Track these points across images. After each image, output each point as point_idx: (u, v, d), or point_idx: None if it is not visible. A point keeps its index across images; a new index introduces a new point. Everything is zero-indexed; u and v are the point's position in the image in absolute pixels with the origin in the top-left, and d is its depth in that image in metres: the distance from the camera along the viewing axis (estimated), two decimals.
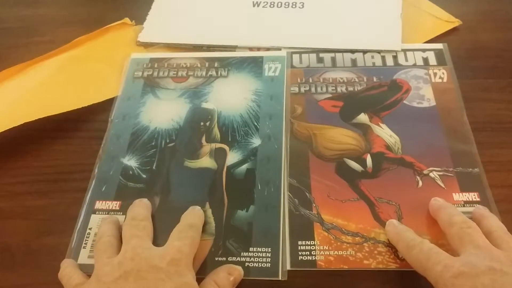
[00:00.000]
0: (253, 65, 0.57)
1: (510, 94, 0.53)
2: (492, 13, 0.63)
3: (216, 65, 0.57)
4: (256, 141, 0.49)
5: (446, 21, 0.61)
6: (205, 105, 0.53)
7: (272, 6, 0.64)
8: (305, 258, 0.41)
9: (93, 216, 0.45)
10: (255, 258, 0.41)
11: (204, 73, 0.56)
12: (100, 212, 0.45)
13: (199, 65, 0.57)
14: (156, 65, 0.58)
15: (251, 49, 0.59)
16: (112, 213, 0.45)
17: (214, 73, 0.56)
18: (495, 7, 0.64)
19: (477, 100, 0.53)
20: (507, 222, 0.40)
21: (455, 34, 0.60)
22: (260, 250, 0.42)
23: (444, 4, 0.63)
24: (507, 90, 0.54)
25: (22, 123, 0.49)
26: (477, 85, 0.54)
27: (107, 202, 0.46)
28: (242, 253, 0.42)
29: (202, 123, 0.51)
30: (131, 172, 0.48)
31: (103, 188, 0.47)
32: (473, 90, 0.53)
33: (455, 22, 0.61)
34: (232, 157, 0.48)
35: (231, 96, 0.54)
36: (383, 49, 0.57)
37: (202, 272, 0.41)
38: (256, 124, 0.51)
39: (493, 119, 0.51)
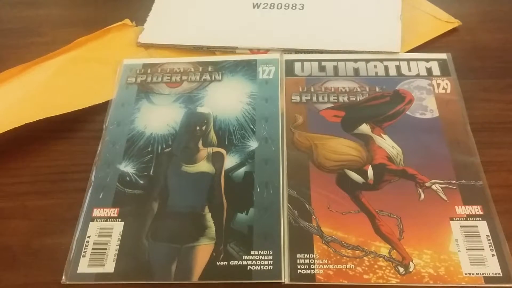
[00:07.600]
0: (247, 68, 0.56)
1: (510, 94, 0.53)
2: (492, 14, 0.63)
3: (210, 69, 0.57)
4: (253, 144, 0.49)
5: (446, 21, 0.61)
6: (200, 109, 0.53)
7: (272, 7, 0.64)
8: (304, 272, 0.40)
9: (91, 224, 0.45)
10: (257, 261, 0.41)
11: (198, 78, 0.56)
12: (99, 220, 0.45)
13: (192, 70, 0.57)
14: (149, 71, 0.57)
15: (251, 50, 0.59)
16: (110, 220, 0.45)
17: (208, 77, 0.56)
18: (495, 7, 0.63)
19: (477, 100, 0.52)
20: (507, 222, 0.40)
21: (455, 35, 0.60)
22: (261, 253, 0.41)
23: (444, 5, 0.62)
24: (507, 91, 0.54)
25: (23, 124, 0.49)
26: (477, 85, 0.54)
27: (105, 209, 0.45)
28: (243, 257, 0.41)
29: (198, 128, 0.51)
30: (128, 179, 0.48)
31: (101, 196, 0.46)
32: (473, 90, 0.53)
33: (455, 23, 0.60)
34: (230, 160, 0.48)
35: (226, 100, 0.54)
36: (382, 50, 0.56)
37: (204, 278, 0.40)
38: (252, 127, 0.51)
39: (493, 119, 0.51)
